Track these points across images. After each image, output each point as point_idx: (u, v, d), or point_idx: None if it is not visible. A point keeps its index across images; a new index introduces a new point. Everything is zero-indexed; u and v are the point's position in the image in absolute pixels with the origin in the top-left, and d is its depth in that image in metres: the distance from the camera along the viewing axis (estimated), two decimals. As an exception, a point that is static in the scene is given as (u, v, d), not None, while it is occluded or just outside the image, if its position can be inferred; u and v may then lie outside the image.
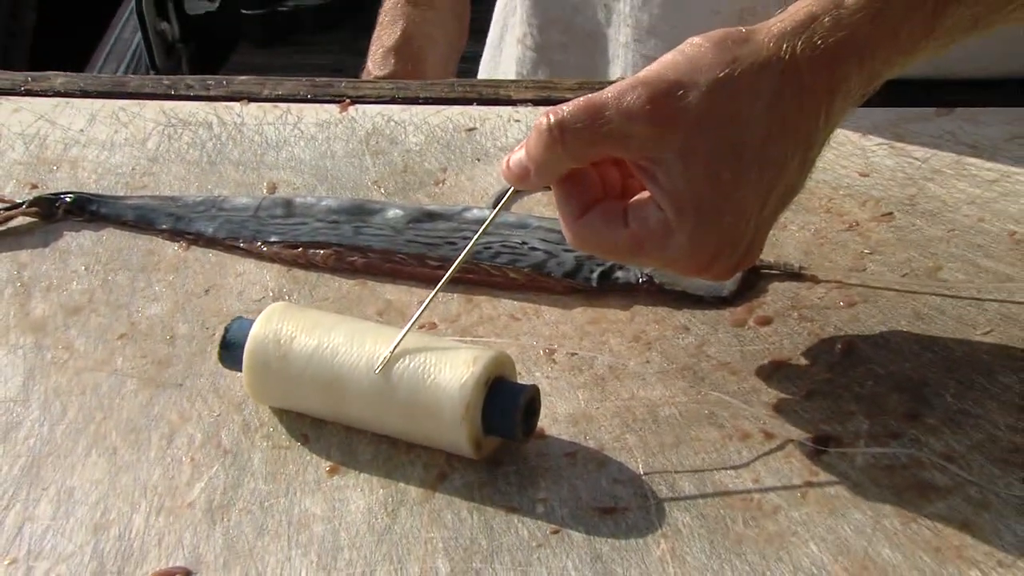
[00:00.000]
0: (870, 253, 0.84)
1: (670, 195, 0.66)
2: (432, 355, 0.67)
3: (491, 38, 1.32)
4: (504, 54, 1.27)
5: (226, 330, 0.72)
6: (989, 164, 0.92)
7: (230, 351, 0.72)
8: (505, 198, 0.71)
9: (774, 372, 0.74)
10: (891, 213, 0.88)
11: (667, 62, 0.68)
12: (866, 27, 0.67)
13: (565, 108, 0.66)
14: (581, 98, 0.67)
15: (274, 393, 0.71)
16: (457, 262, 0.72)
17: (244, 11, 3.26)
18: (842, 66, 0.68)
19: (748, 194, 0.67)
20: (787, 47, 0.67)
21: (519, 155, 0.69)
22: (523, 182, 0.69)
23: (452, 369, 0.66)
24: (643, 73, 0.67)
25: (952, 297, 0.80)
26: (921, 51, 0.70)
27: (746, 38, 0.68)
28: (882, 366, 0.74)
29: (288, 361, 0.69)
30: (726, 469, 0.68)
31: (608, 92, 0.66)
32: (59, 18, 3.02)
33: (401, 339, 0.68)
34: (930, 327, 0.77)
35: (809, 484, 0.67)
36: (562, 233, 0.81)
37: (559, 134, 0.66)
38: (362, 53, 1.21)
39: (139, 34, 3.06)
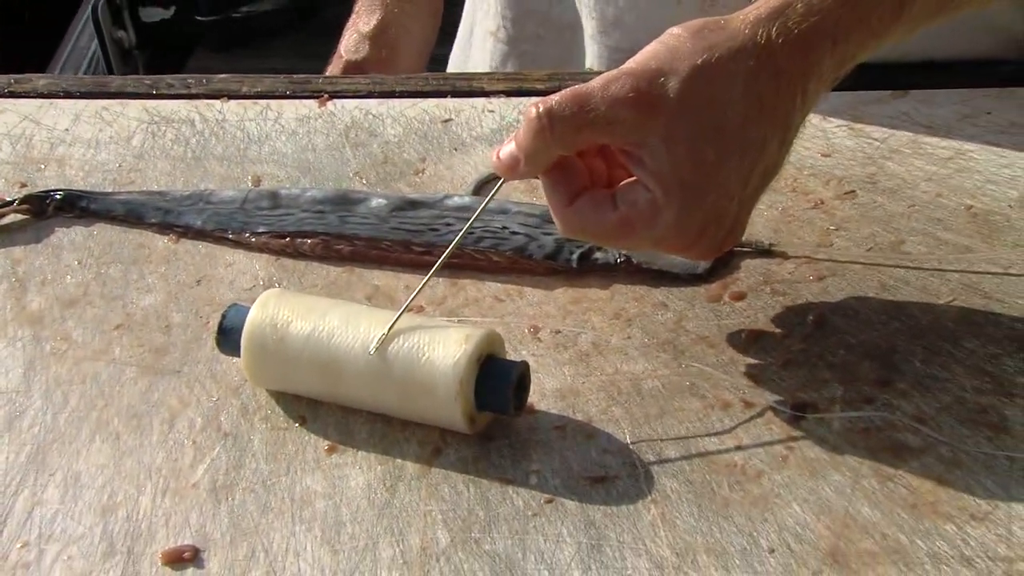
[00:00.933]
0: (836, 229, 0.85)
1: (656, 176, 0.67)
2: (425, 335, 0.67)
3: (460, 34, 1.31)
4: (474, 48, 1.27)
5: (223, 316, 0.72)
6: (944, 143, 0.94)
7: (227, 336, 0.72)
8: (496, 189, 0.72)
9: (750, 344, 0.75)
10: (853, 191, 0.89)
11: (648, 52, 0.68)
12: (838, 12, 0.68)
13: (553, 98, 0.67)
14: (567, 89, 0.67)
15: (272, 376, 0.71)
16: (448, 250, 0.73)
17: (199, 18, 3.24)
18: (815, 50, 0.68)
19: (730, 173, 0.67)
20: (762, 32, 0.68)
21: (509, 147, 0.69)
22: (513, 172, 0.69)
23: (445, 347, 0.67)
24: (626, 64, 0.68)
25: (915, 269, 0.81)
26: (890, 35, 0.71)
27: (723, 26, 0.68)
28: (853, 335, 0.75)
29: (285, 344, 0.69)
30: (710, 437, 0.69)
31: (594, 82, 0.67)
32: (15, 26, 2.99)
33: (396, 321, 0.68)
34: (896, 297, 0.78)
35: (789, 449, 0.68)
36: (540, 218, 0.83)
37: (548, 122, 0.67)
38: (315, 56, 1.19)
39: (95, 41, 3.04)
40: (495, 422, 0.70)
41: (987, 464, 0.66)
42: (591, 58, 1.09)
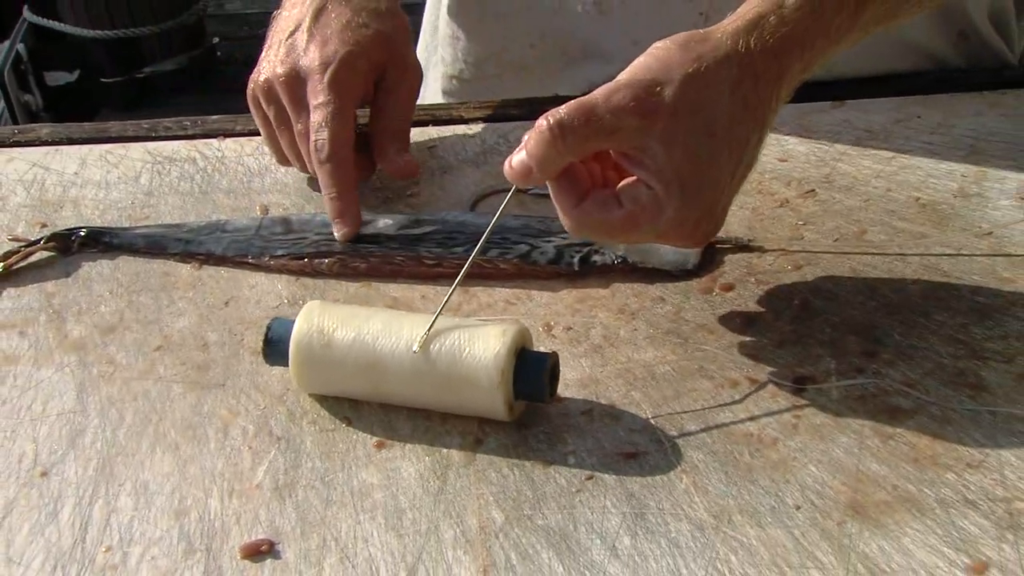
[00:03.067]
0: (803, 224, 0.87)
1: (657, 175, 0.68)
2: (464, 332, 0.68)
3: None
4: (429, 89, 1.28)
5: (267, 329, 0.72)
6: (884, 144, 0.97)
7: (273, 347, 0.72)
8: (507, 199, 0.73)
9: (745, 328, 0.77)
10: (813, 190, 0.91)
11: (641, 65, 0.70)
12: (805, 22, 0.71)
13: (561, 110, 0.68)
14: (572, 101, 0.69)
15: (320, 380, 0.71)
16: (472, 256, 0.73)
17: (103, 80, 3.22)
18: (787, 56, 0.71)
19: (722, 168, 0.70)
20: (742, 43, 0.70)
21: (520, 156, 0.70)
22: (526, 180, 0.70)
23: (485, 342, 0.68)
24: (622, 76, 0.70)
25: (879, 255, 0.83)
26: (844, 42, 0.74)
27: (705, 38, 0.71)
28: (835, 315, 0.78)
29: (332, 349, 0.69)
30: (724, 412, 0.71)
31: (596, 94, 0.69)
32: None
33: (434, 321, 0.68)
34: (867, 280, 0.81)
35: (797, 417, 0.70)
36: (539, 228, 0.84)
37: (559, 132, 0.68)
38: (215, 112, 1.14)
39: (3, 104, 3.00)
40: (527, 410, 0.71)
41: (973, 419, 0.69)
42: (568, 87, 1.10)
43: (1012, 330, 0.75)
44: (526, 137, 0.70)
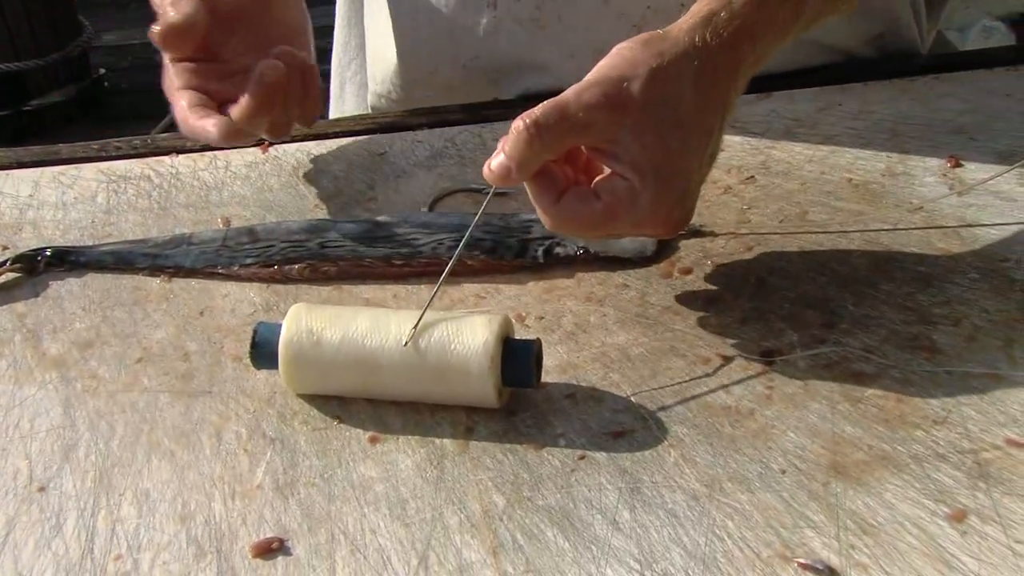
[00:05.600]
0: (748, 208, 0.88)
1: (631, 166, 0.68)
2: (451, 324, 0.67)
3: (333, 91, 1.30)
4: (348, 104, 1.26)
5: (255, 333, 0.70)
6: (812, 131, 0.98)
7: (261, 351, 0.70)
8: (487, 200, 0.72)
9: (709, 308, 0.78)
10: (753, 176, 0.92)
11: (607, 64, 0.70)
12: (754, 15, 0.72)
13: (536, 110, 0.68)
14: (545, 101, 0.68)
15: (311, 380, 0.70)
16: (456, 253, 0.72)
17: None
18: (740, 47, 0.72)
19: (691, 157, 0.70)
20: (699, 37, 0.70)
21: (499, 159, 0.69)
22: (506, 180, 0.69)
23: (472, 332, 0.67)
24: (591, 75, 0.70)
25: (823, 233, 0.84)
26: (789, 35, 0.75)
27: (664, 36, 0.71)
28: (791, 291, 0.78)
29: (322, 349, 0.68)
30: (700, 387, 0.71)
31: (567, 93, 0.69)
32: None
33: (422, 316, 0.67)
34: (815, 257, 0.82)
35: (770, 388, 0.70)
36: (501, 224, 0.84)
37: (535, 131, 0.67)
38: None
39: None
40: (513, 398, 0.70)
41: (932, 379, 0.70)
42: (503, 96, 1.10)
43: (954, 295, 0.77)
44: (501, 142, 0.69)
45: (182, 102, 0.84)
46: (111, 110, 3.40)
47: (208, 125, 0.82)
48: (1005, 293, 0.76)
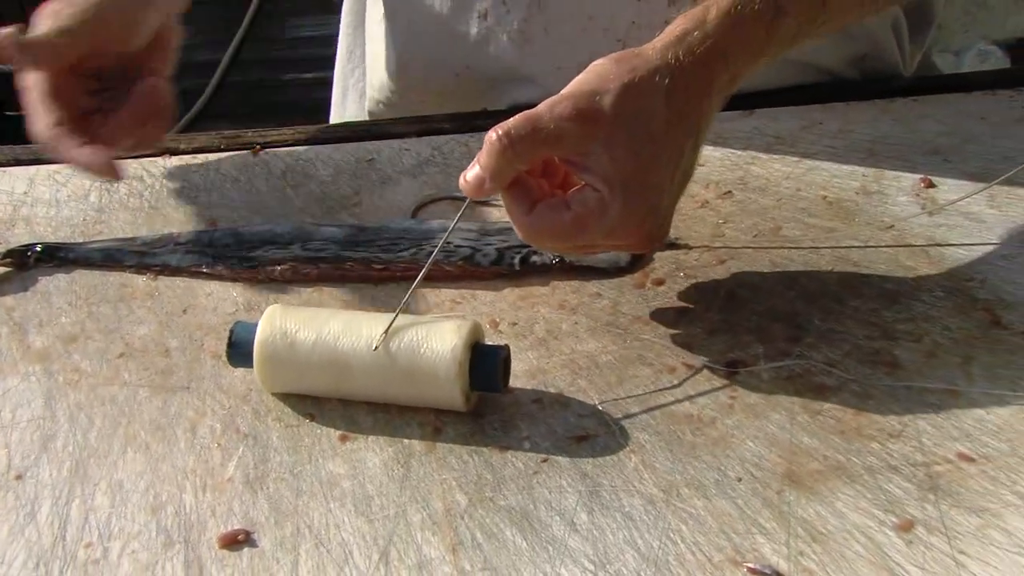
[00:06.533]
0: (723, 223, 0.89)
1: (601, 177, 0.70)
2: (421, 329, 0.69)
3: (335, 99, 1.32)
4: (349, 111, 1.28)
5: (231, 332, 0.72)
6: (792, 148, 1.00)
7: (237, 349, 0.71)
8: (463, 208, 0.73)
9: (679, 319, 0.79)
10: (730, 191, 0.94)
11: (580, 79, 0.72)
12: (727, 35, 0.73)
13: (509, 122, 0.69)
14: (519, 114, 0.70)
15: (284, 379, 0.71)
16: (430, 260, 0.74)
17: (7, 112, 3.13)
18: (713, 65, 0.73)
19: (661, 170, 0.71)
20: (672, 55, 0.72)
21: (474, 170, 0.71)
22: (480, 191, 0.71)
23: (441, 337, 0.68)
24: (565, 89, 0.71)
25: (795, 248, 0.86)
26: (764, 56, 0.77)
27: (638, 53, 0.72)
28: (759, 304, 0.80)
29: (296, 349, 0.69)
30: (664, 395, 0.72)
31: (540, 106, 0.70)
32: None
33: (393, 320, 0.69)
34: (786, 272, 0.83)
35: (732, 398, 0.71)
36: (479, 232, 0.85)
37: (508, 142, 0.69)
38: None
39: None
40: (481, 401, 0.71)
41: (891, 394, 0.71)
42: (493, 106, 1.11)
43: (918, 312, 0.78)
44: (478, 154, 0.71)
45: (51, 122, 0.82)
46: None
47: (83, 156, 0.81)
48: (967, 312, 0.78)
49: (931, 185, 0.93)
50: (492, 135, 0.70)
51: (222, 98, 3.33)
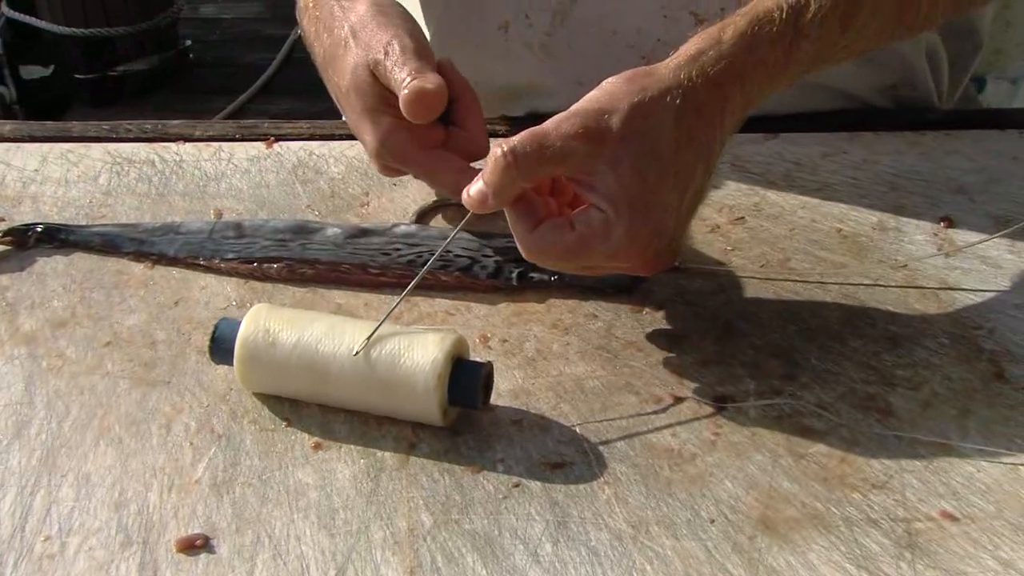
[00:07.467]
0: (732, 250, 0.88)
1: (606, 197, 0.69)
2: (403, 339, 0.68)
3: None
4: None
5: (215, 328, 0.71)
6: (811, 176, 0.98)
7: (219, 346, 0.71)
8: (464, 221, 0.72)
9: (672, 347, 0.77)
10: (743, 217, 0.92)
11: (590, 97, 0.71)
12: (742, 56, 0.72)
13: (515, 139, 0.68)
14: (525, 131, 0.69)
15: (263, 380, 0.71)
16: (423, 270, 0.74)
17: (77, 76, 3.20)
18: (727, 87, 0.72)
19: (669, 192, 0.70)
20: (684, 75, 0.70)
21: (477, 184, 0.70)
22: (483, 206, 0.70)
23: (423, 348, 0.67)
24: (572, 107, 0.70)
25: (801, 282, 0.84)
26: (782, 79, 0.75)
27: (650, 72, 0.71)
28: (757, 338, 0.78)
29: (276, 350, 0.69)
30: (647, 426, 0.71)
31: (548, 123, 0.69)
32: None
33: (378, 327, 0.68)
34: (789, 306, 0.81)
35: (716, 434, 0.70)
36: (480, 243, 0.84)
37: (512, 159, 0.68)
38: (182, 112, 1.11)
39: None
40: (460, 417, 0.70)
41: (880, 442, 0.69)
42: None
43: (920, 359, 0.76)
44: (483, 169, 0.70)
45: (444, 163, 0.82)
46: (191, 82, 3.45)
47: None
48: (971, 361, 0.76)
49: (951, 225, 0.90)
50: (497, 151, 0.69)
51: (288, 73, 3.36)
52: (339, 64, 0.84)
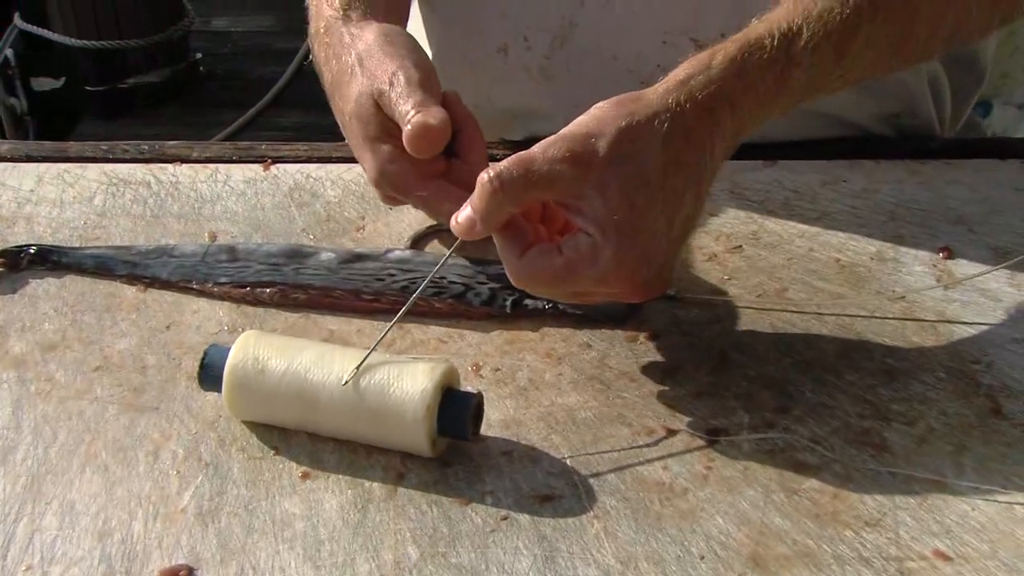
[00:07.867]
0: (728, 279, 0.87)
1: (594, 221, 0.68)
2: (393, 368, 0.68)
3: None
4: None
5: (204, 355, 0.71)
6: (810, 205, 0.97)
7: (208, 372, 0.71)
8: (454, 248, 0.72)
9: (666, 378, 0.77)
10: (740, 246, 0.91)
11: (578, 122, 0.70)
12: (731, 81, 0.72)
13: (501, 164, 0.68)
14: (512, 156, 0.68)
15: (252, 408, 0.70)
16: (413, 297, 0.74)
17: (88, 88, 3.21)
18: (717, 112, 0.71)
19: (657, 216, 0.69)
20: (672, 99, 0.70)
21: (466, 211, 0.70)
22: (471, 232, 0.70)
23: (413, 379, 0.67)
24: (560, 132, 0.70)
25: (798, 312, 0.83)
26: (774, 107, 0.75)
27: (638, 97, 0.71)
28: (752, 369, 0.77)
29: (265, 378, 0.68)
30: (639, 459, 0.70)
31: (535, 148, 0.69)
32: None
33: (367, 356, 0.68)
34: (784, 337, 0.81)
35: (708, 468, 0.69)
36: (474, 270, 0.84)
37: (499, 184, 0.68)
38: (193, 125, 1.10)
39: None
40: (450, 448, 0.70)
41: (874, 479, 0.69)
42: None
43: (916, 393, 0.75)
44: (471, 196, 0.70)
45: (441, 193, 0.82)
46: (202, 94, 3.46)
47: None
48: (968, 396, 0.75)
49: (951, 256, 0.90)
50: (483, 176, 0.68)
51: (299, 86, 3.37)
52: (344, 91, 0.84)
